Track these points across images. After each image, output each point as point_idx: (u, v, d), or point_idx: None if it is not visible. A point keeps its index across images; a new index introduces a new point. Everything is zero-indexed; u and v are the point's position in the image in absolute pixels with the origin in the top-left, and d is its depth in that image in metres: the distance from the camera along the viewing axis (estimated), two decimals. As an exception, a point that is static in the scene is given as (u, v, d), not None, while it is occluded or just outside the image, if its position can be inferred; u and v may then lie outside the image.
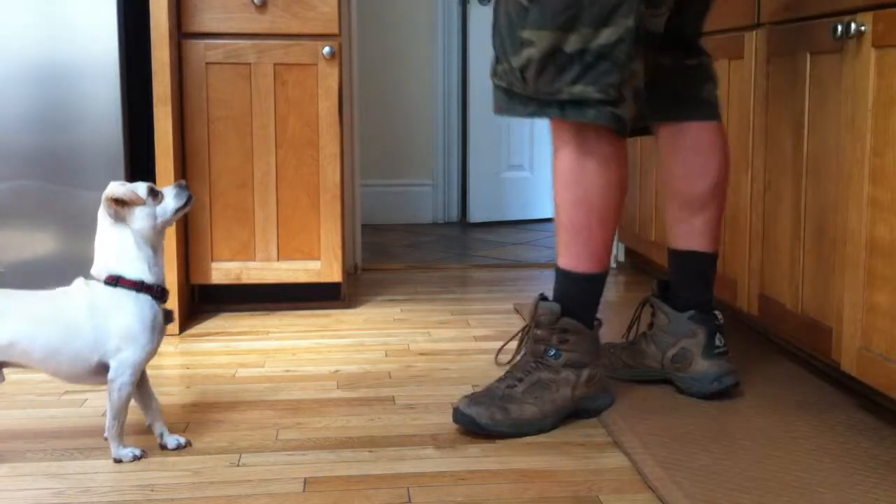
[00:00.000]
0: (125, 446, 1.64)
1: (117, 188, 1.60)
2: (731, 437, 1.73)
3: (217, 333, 2.50)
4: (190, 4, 2.53)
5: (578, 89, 1.68)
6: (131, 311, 1.59)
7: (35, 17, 2.27)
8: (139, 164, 2.45)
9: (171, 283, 2.45)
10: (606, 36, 1.66)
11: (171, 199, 1.66)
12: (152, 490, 1.53)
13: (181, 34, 2.54)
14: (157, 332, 1.62)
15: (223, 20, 2.55)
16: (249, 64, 2.57)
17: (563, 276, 1.84)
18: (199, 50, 2.55)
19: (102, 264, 1.61)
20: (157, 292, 1.62)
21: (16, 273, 2.23)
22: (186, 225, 2.60)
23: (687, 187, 1.95)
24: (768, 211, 2.15)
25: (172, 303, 2.45)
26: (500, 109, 1.79)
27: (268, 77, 2.58)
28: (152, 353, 1.63)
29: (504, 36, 1.72)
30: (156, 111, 2.42)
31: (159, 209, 1.64)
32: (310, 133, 2.62)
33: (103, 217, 1.61)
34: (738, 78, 2.29)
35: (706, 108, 1.95)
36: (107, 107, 2.32)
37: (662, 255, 2.85)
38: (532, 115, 1.76)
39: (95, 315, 1.58)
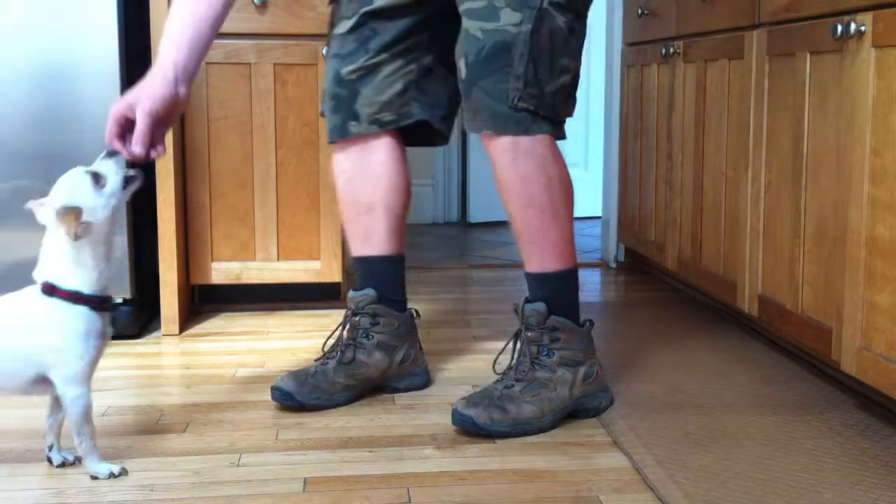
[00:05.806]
0: (101, 461, 1.56)
1: (63, 195, 1.47)
2: (731, 437, 1.73)
3: (217, 333, 2.50)
4: (190, 4, 2.53)
5: (572, 109, 1.82)
6: (63, 324, 1.48)
7: (35, 17, 2.26)
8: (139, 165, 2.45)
9: (171, 283, 2.46)
10: (579, 58, 1.81)
11: (113, 176, 1.51)
12: (152, 490, 1.53)
13: (181, 34, 2.54)
14: (95, 341, 1.50)
15: (223, 20, 2.55)
16: (249, 64, 2.57)
17: (536, 280, 1.85)
18: (199, 50, 2.55)
19: (40, 269, 1.50)
20: (95, 303, 1.50)
21: (16, 273, 2.22)
22: (186, 225, 2.60)
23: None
24: (768, 211, 2.15)
25: (173, 303, 2.47)
26: (526, 130, 1.78)
27: (268, 77, 2.58)
28: (91, 362, 1.51)
29: (541, 63, 1.73)
30: (156, 111, 2.42)
31: (106, 193, 1.50)
32: (310, 133, 2.62)
33: (46, 218, 1.49)
34: (738, 78, 2.29)
35: None
36: (107, 107, 2.29)
37: (662, 255, 2.85)
38: (538, 132, 1.79)
39: (27, 329, 1.48)
